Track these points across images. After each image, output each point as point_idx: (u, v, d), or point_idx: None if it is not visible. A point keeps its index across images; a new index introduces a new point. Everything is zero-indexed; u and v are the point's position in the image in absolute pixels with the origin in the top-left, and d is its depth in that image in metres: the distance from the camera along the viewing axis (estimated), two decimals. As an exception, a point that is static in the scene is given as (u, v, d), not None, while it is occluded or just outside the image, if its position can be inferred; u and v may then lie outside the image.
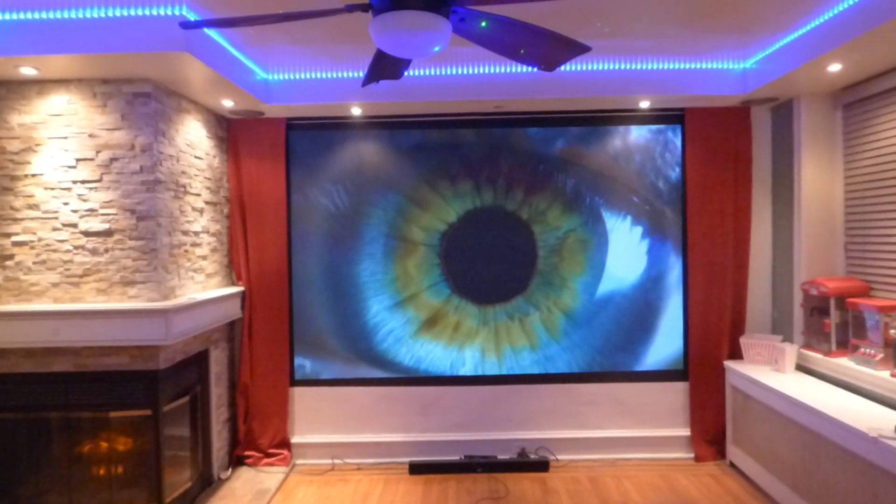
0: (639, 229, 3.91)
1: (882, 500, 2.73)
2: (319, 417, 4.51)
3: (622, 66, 3.94)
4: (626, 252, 4.10)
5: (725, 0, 2.92)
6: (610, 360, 4.05)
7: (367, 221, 4.40)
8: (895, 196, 3.45)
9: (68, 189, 3.31)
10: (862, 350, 3.47)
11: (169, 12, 2.89)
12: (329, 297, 4.41)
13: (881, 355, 3.32)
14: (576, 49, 2.35)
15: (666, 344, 4.43)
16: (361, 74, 3.89)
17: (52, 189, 3.30)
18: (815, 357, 3.81)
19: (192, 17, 2.95)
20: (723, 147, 4.33)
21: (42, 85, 3.28)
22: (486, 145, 3.83)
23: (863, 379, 3.40)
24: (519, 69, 3.89)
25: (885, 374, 3.24)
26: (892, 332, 3.21)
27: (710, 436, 4.40)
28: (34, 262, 3.29)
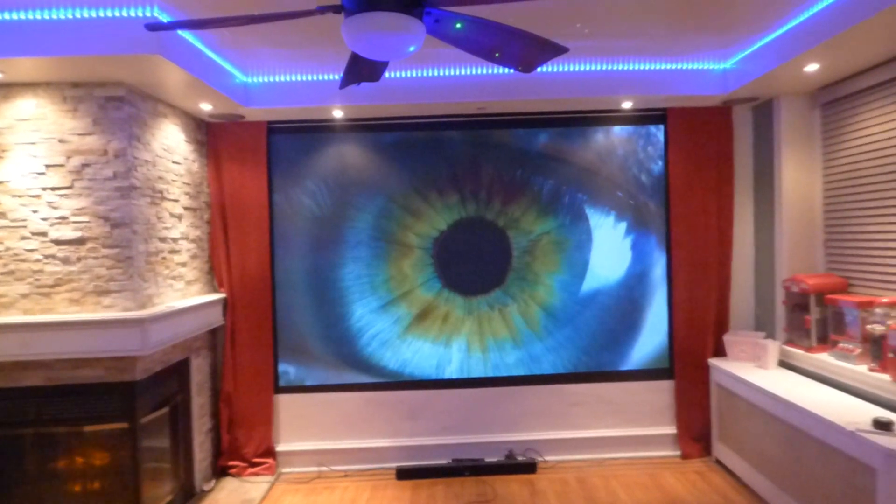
0: (622, 226, 4.00)
1: (860, 493, 2.75)
2: (305, 424, 4.46)
3: (605, 67, 3.94)
4: (610, 252, 4.10)
5: (705, 1, 2.92)
6: (596, 360, 4.05)
7: (352, 225, 4.36)
8: (872, 193, 3.48)
9: (37, 196, 3.22)
10: (841, 345, 3.50)
11: (140, 14, 2.83)
12: (313, 302, 4.37)
13: (860, 350, 3.36)
14: (553, 50, 2.33)
15: (651, 342, 4.44)
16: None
17: (21, 196, 3.21)
18: (797, 353, 3.84)
19: (164, 18, 2.89)
20: (705, 146, 4.35)
21: (8, 89, 3.19)
22: (468, 155, 3.90)
23: (842, 374, 3.42)
24: (501, 70, 3.87)
25: (863, 368, 3.27)
26: (869, 327, 3.24)
27: (696, 433, 4.42)
28: (1, 273, 3.19)
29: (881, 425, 2.76)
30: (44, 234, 3.23)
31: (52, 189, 3.23)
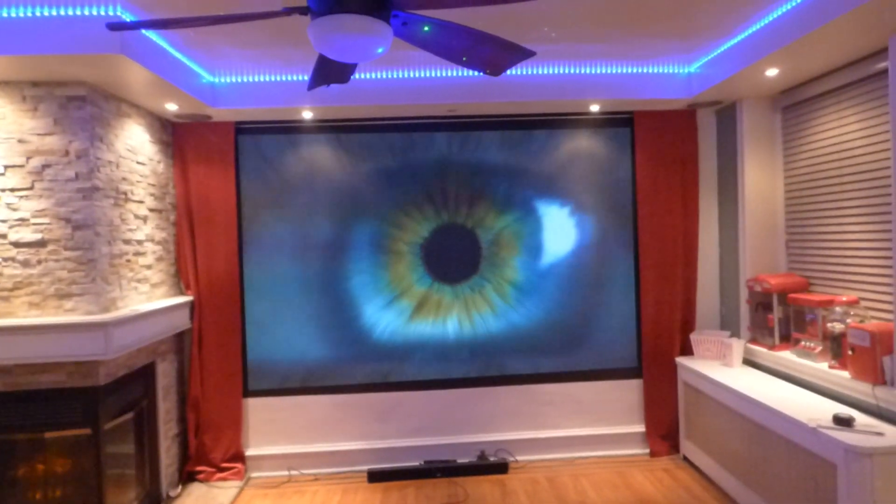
0: (566, 210, 4.34)
1: (822, 488, 2.83)
2: (275, 428, 4.41)
3: (572, 71, 3.99)
4: (558, 233, 4.36)
5: (669, 5, 2.98)
6: (560, 318, 4.30)
7: (325, 225, 4.37)
8: (830, 195, 3.59)
9: (-4, 198, 3.14)
10: (803, 343, 3.60)
11: (103, 13, 2.77)
12: (317, 307, 4.37)
13: (820, 348, 3.45)
14: (520, 54, 2.35)
15: (608, 299, 4.49)
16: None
17: (-22, 198, 3.12)
18: (761, 351, 3.93)
19: (127, 17, 2.84)
20: (671, 149, 4.43)
21: (-34, 88, 3.11)
22: (438, 172, 4.28)
23: (804, 371, 3.52)
24: (471, 73, 3.90)
25: (823, 365, 3.36)
26: (829, 325, 3.33)
27: (663, 431, 4.50)
28: (-40, 277, 3.10)
29: (841, 421, 2.83)
30: (3, 236, 3.14)
31: (12, 190, 3.15)
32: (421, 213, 4.22)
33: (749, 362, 4.09)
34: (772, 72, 3.50)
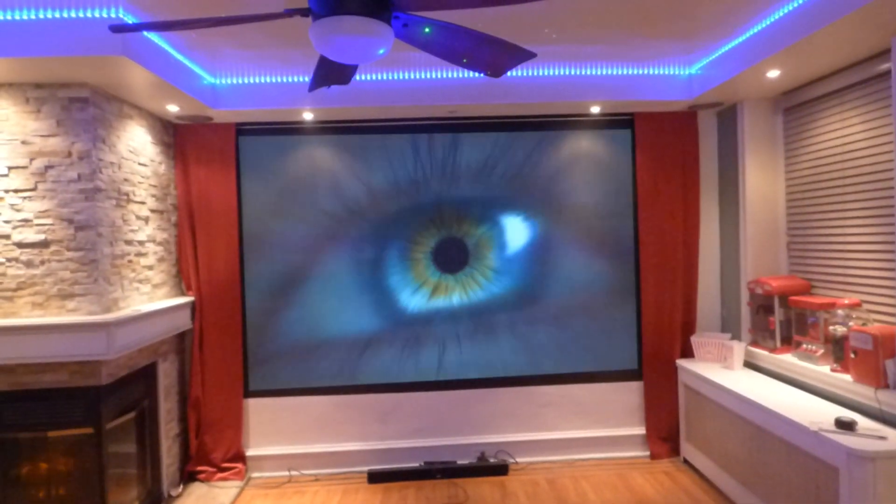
0: (521, 217, 4.60)
1: (823, 492, 2.82)
2: (275, 429, 4.42)
3: (573, 72, 4.00)
4: (516, 234, 4.59)
5: (670, 7, 2.98)
6: (524, 286, 4.57)
7: (326, 223, 4.41)
8: (832, 197, 3.58)
9: (0, 199, 3.15)
10: (804, 346, 3.59)
11: (105, 15, 2.79)
12: (287, 302, 4.40)
13: (822, 351, 3.44)
14: (520, 55, 2.36)
15: (620, 341, 4.54)
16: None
17: (-18, 199, 3.13)
18: (762, 354, 3.93)
19: (129, 19, 2.85)
20: (671, 151, 4.43)
21: (-30, 90, 3.12)
22: (434, 200, 4.54)
23: (806, 374, 3.51)
24: (472, 74, 3.90)
25: (825, 369, 3.35)
26: (831, 328, 3.31)
27: (664, 433, 4.49)
28: (-37, 277, 3.12)
29: (843, 425, 2.82)
30: (6, 236, 3.16)
31: (15, 191, 3.16)
32: (427, 233, 4.53)
33: (750, 365, 4.09)
34: (773, 73, 3.50)
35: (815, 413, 3.08)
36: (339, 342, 4.48)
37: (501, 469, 4.29)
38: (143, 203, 3.80)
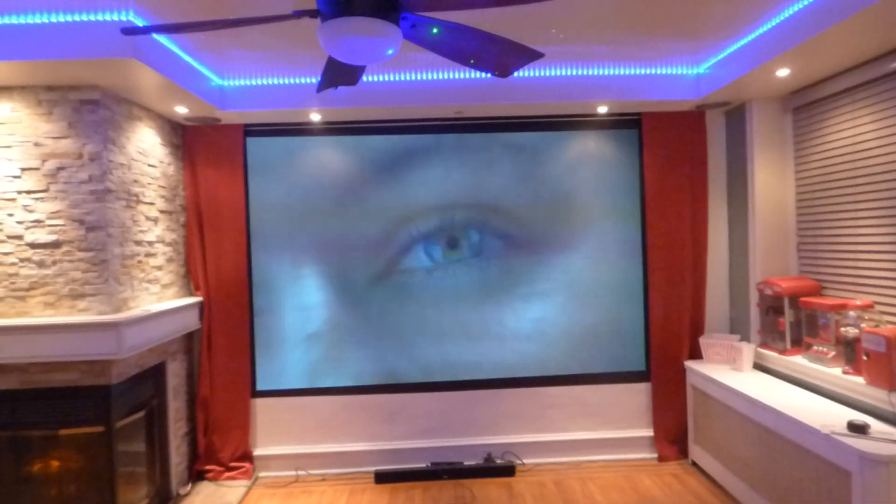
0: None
1: (836, 496, 2.79)
2: (283, 428, 4.44)
3: (580, 72, 3.99)
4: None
5: (677, 6, 2.97)
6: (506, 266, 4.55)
7: (335, 222, 4.42)
8: (844, 197, 3.55)
9: (13, 200, 3.19)
10: (815, 348, 3.56)
11: (115, 18, 2.81)
12: (290, 302, 4.39)
13: (833, 353, 3.40)
14: (528, 55, 2.36)
15: (628, 342, 4.52)
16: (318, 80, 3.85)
17: (-5, 200, 3.17)
18: (771, 355, 3.90)
19: (139, 22, 2.88)
20: (679, 151, 4.41)
21: (-17, 92, 3.16)
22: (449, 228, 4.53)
23: (816, 376, 3.48)
24: (479, 75, 3.90)
25: (837, 371, 3.32)
26: (843, 330, 3.28)
27: (672, 435, 4.47)
28: (-24, 277, 3.15)
29: (855, 428, 2.79)
30: (19, 237, 3.19)
31: (28, 192, 3.20)
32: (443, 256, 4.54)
33: (759, 367, 4.06)
34: (782, 72, 3.48)
35: (827, 416, 3.05)
36: (347, 342, 4.47)
37: (508, 470, 4.28)
38: (152, 204, 3.83)
